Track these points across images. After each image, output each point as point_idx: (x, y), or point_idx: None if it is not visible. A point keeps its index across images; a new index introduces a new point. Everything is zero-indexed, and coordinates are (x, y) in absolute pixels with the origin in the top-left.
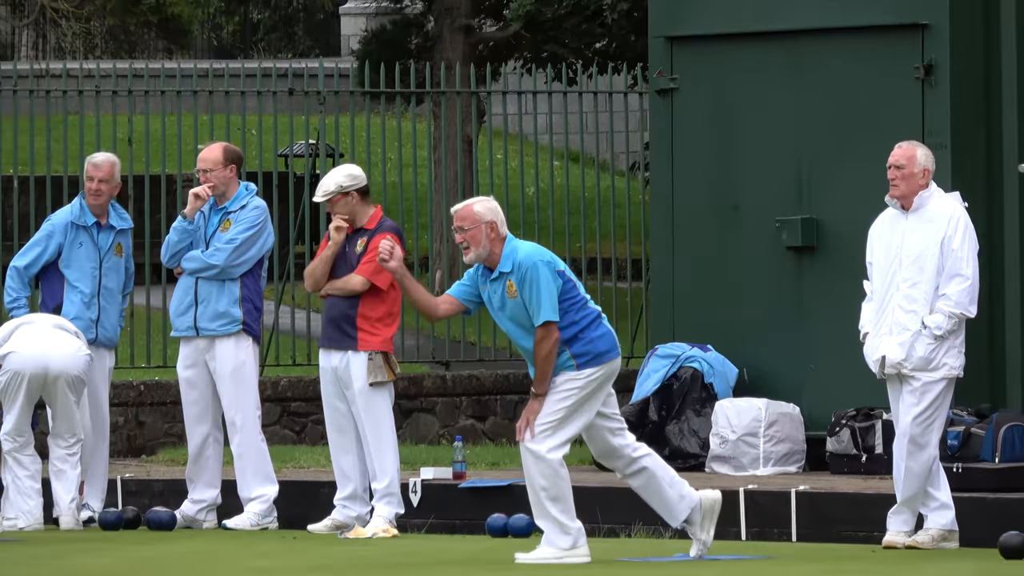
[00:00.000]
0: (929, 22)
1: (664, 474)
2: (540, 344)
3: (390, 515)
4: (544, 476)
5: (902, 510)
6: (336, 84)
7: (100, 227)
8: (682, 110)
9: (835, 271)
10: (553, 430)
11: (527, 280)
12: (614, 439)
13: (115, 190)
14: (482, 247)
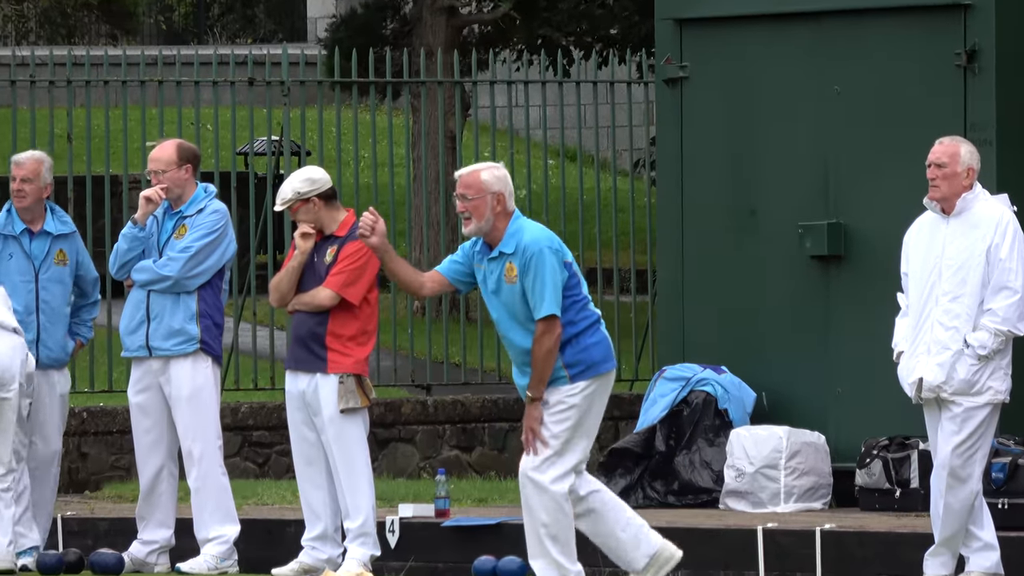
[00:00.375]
0: (972, 2)
1: (617, 516)
2: (540, 340)
3: (364, 557)
4: (546, 511)
5: (941, 551)
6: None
7: (32, 234)
8: (692, 102)
9: (865, 283)
10: (555, 458)
11: (531, 266)
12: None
13: (44, 191)
14: (485, 220)
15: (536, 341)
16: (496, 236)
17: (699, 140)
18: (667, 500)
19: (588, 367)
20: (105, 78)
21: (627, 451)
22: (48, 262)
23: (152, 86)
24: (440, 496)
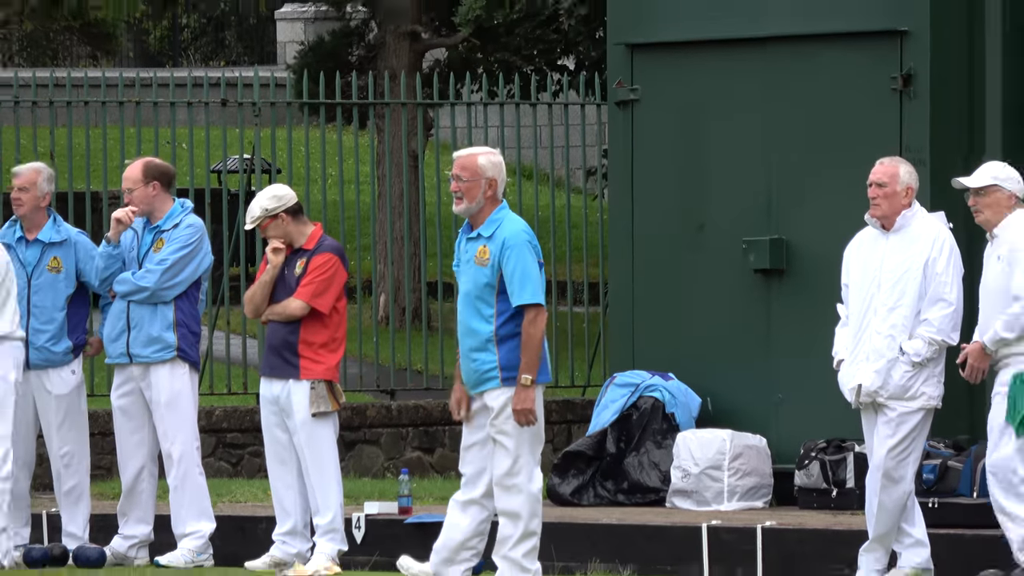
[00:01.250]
0: (908, 28)
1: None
2: (530, 326)
3: (333, 552)
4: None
5: (875, 547)
6: (272, 95)
7: (28, 242)
8: (643, 123)
9: (806, 295)
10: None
11: (513, 256)
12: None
13: (42, 200)
14: (475, 202)
15: (528, 324)
16: (480, 219)
17: (649, 160)
18: (617, 499)
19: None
20: (86, 99)
21: (580, 453)
22: (40, 268)
23: (130, 106)
24: (403, 495)
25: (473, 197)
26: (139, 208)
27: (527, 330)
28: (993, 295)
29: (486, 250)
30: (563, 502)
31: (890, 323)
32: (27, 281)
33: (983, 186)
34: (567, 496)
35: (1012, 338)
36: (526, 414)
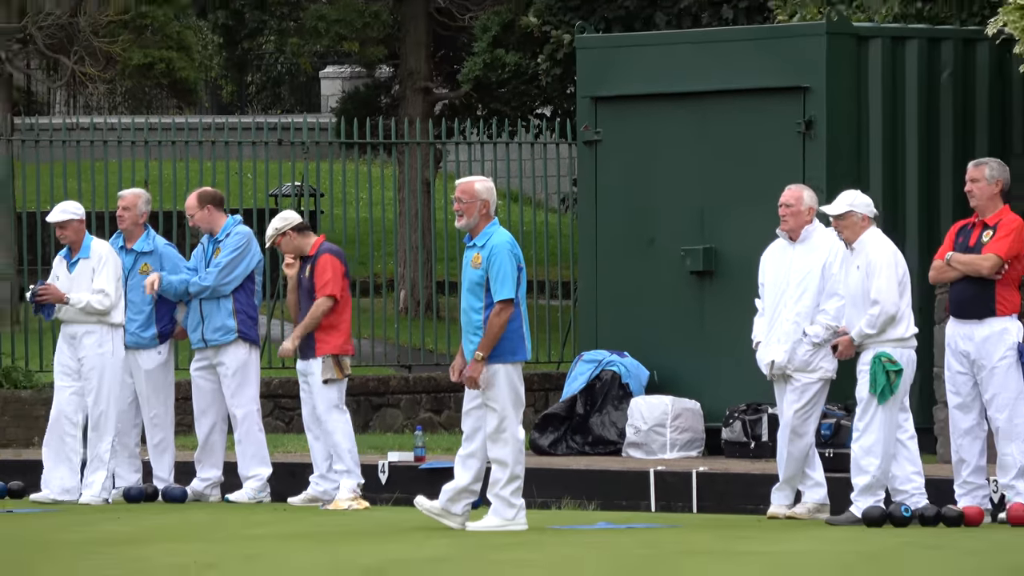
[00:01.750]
0: (810, 85)
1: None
2: (496, 317)
3: (352, 486)
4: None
5: (784, 487)
6: (317, 136)
7: (126, 251)
8: (605, 158)
9: (731, 291)
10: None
11: (495, 259)
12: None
13: (140, 218)
14: (472, 218)
15: (494, 315)
16: (476, 232)
17: (609, 187)
18: (584, 450)
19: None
20: (173, 139)
21: (555, 415)
22: (134, 272)
23: (207, 145)
24: (418, 446)
25: (471, 215)
26: (201, 227)
27: (491, 319)
28: (855, 297)
29: (479, 257)
30: (542, 452)
31: (795, 312)
32: (124, 281)
33: (842, 212)
34: (545, 447)
35: (874, 333)
36: (471, 380)
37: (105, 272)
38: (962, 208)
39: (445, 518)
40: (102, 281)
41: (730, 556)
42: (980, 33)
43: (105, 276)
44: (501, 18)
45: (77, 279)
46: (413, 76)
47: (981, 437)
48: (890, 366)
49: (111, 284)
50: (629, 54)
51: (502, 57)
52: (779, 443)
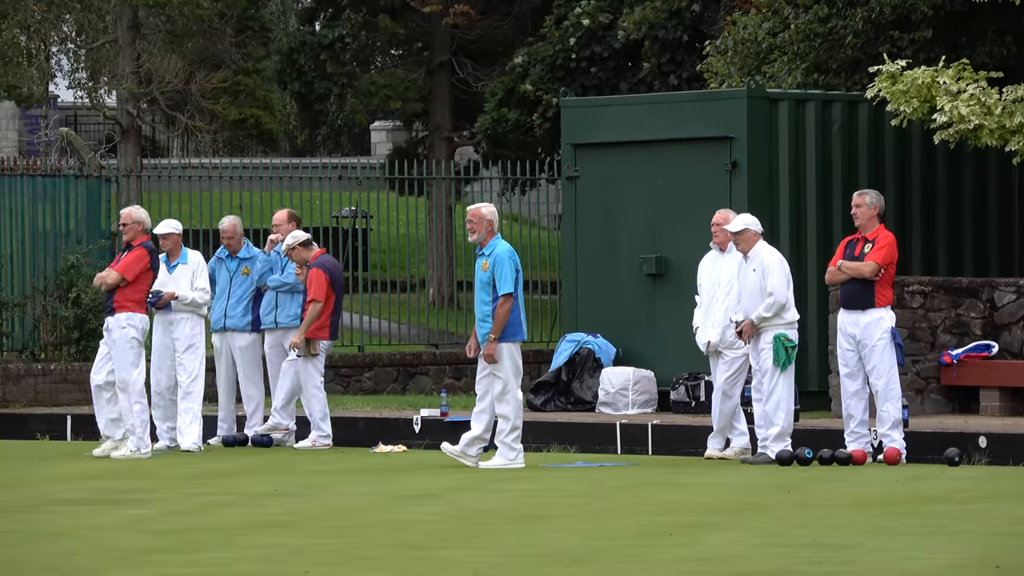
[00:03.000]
0: (735, 135)
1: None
2: (500, 307)
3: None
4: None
5: (717, 436)
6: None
7: (231, 257)
8: (582, 190)
9: (677, 289)
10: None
11: (498, 264)
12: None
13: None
14: (480, 234)
15: (499, 306)
16: (484, 244)
17: (585, 212)
18: (567, 408)
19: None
20: (260, 175)
21: (545, 382)
22: (238, 272)
23: (286, 179)
24: (443, 404)
25: (480, 231)
26: (282, 236)
27: (497, 309)
28: (750, 292)
29: (487, 262)
30: (536, 410)
31: (724, 305)
32: (229, 280)
33: (739, 230)
34: (538, 406)
35: (769, 316)
36: (489, 357)
37: (203, 275)
38: (849, 227)
39: (464, 458)
40: (202, 282)
41: (677, 487)
42: (862, 96)
43: (204, 278)
44: (505, 85)
45: (176, 279)
46: (439, 128)
47: (864, 398)
48: (788, 343)
49: (207, 284)
50: (601, 112)
51: (506, 115)
52: (713, 402)
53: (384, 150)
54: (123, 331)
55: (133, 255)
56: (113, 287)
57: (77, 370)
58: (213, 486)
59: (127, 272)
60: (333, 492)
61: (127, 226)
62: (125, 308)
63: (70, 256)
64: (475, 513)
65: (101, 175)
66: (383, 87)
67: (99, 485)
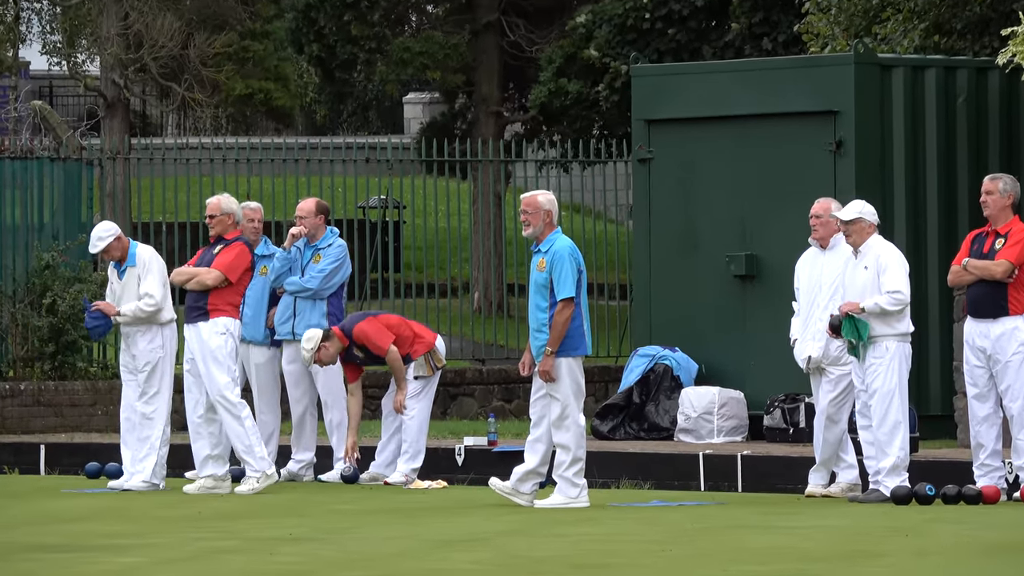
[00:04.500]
0: (840, 109)
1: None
2: (559, 315)
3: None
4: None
5: (820, 469)
6: (401, 154)
7: None
8: (656, 174)
9: (770, 294)
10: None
11: (557, 263)
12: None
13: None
14: (536, 228)
15: (557, 313)
16: (541, 239)
17: (661, 199)
18: (639, 435)
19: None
20: (272, 157)
21: (614, 405)
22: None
23: (303, 162)
24: (491, 432)
25: (536, 224)
26: (307, 230)
27: (555, 316)
28: (860, 292)
29: (543, 262)
30: (603, 437)
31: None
32: None
33: (851, 219)
34: (605, 433)
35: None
36: (545, 374)
37: (150, 276)
38: (977, 218)
39: (515, 496)
40: (148, 285)
41: (771, 530)
42: (992, 63)
43: (151, 280)
44: (564, 51)
45: (128, 285)
46: (486, 101)
47: (997, 424)
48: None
49: (157, 287)
50: (679, 81)
51: (565, 86)
52: (815, 429)
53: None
54: (220, 338)
55: (233, 251)
56: (205, 289)
57: (52, 390)
58: (215, 529)
59: (230, 272)
60: (359, 536)
61: (215, 218)
62: (222, 312)
63: (44, 254)
64: (529, 562)
65: (81, 157)
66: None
67: (80, 528)
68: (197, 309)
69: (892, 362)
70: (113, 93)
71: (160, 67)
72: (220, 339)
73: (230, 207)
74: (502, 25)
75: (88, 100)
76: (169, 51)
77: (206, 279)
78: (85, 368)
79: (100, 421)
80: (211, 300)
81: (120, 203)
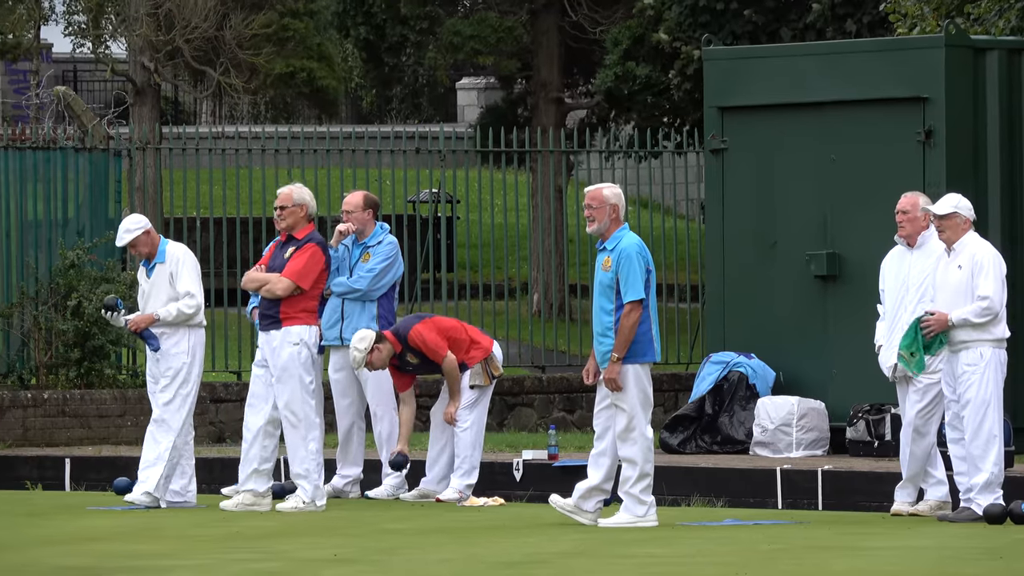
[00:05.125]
0: (929, 96)
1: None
2: (626, 318)
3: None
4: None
5: (907, 485)
6: (453, 144)
7: None
8: (731, 166)
9: (853, 296)
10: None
11: (624, 262)
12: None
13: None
14: (602, 223)
15: (624, 316)
16: (606, 236)
17: (735, 193)
18: (712, 449)
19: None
20: (314, 148)
21: (685, 416)
22: None
23: (348, 153)
24: (551, 445)
25: (601, 220)
26: (355, 226)
27: (622, 320)
28: (952, 293)
29: (608, 260)
30: (672, 451)
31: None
32: None
33: (946, 213)
34: (675, 446)
35: (979, 324)
36: (611, 382)
37: (185, 273)
38: None
39: (578, 515)
40: (185, 283)
41: (855, 551)
42: None
43: (187, 277)
44: (632, 32)
45: (157, 283)
46: (546, 87)
47: None
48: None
49: (195, 284)
50: (754, 65)
51: (633, 70)
52: (902, 442)
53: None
54: (294, 348)
55: (306, 255)
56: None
57: (78, 400)
58: (254, 549)
59: (302, 279)
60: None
61: (286, 209)
62: (295, 320)
63: (69, 252)
64: None
65: (109, 147)
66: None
67: (107, 549)
68: (269, 317)
69: (987, 370)
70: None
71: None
72: (292, 349)
73: (302, 198)
74: (563, 4)
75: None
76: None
77: (276, 289)
78: (113, 376)
79: (129, 433)
80: (283, 308)
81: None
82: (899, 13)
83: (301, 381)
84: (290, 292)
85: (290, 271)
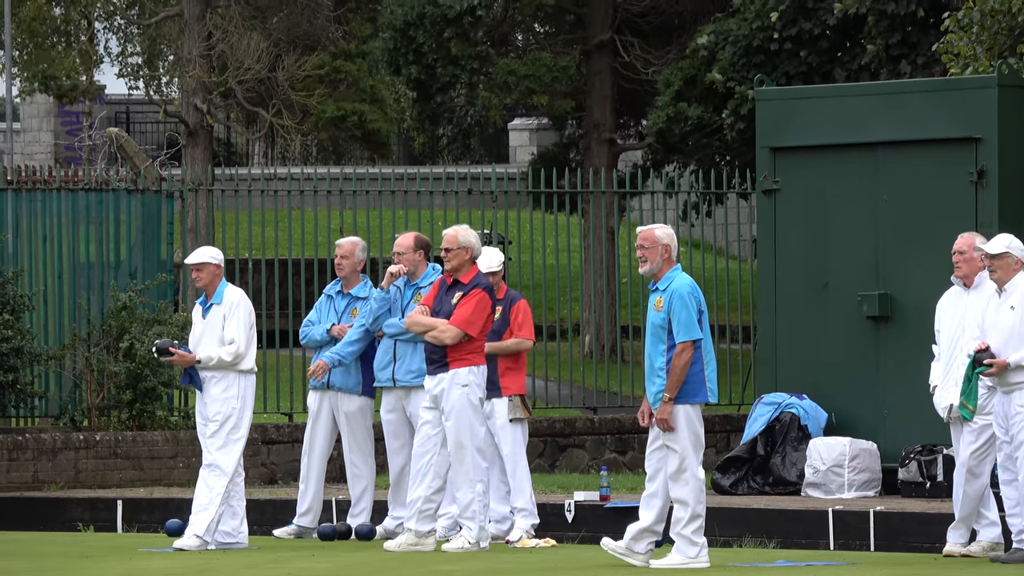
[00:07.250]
0: (982, 136)
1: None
2: (677, 358)
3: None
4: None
5: (959, 526)
6: (506, 185)
7: (342, 295)
8: (783, 206)
9: (906, 336)
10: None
11: (675, 302)
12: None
13: (358, 265)
14: (654, 264)
15: (676, 356)
16: (659, 276)
17: (787, 234)
18: (764, 490)
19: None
20: (366, 188)
21: (737, 457)
22: (346, 314)
23: (399, 194)
24: (603, 486)
25: (653, 260)
26: (406, 267)
27: (673, 360)
28: (1006, 334)
29: (660, 301)
30: (724, 492)
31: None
32: (337, 321)
33: (998, 252)
34: (727, 487)
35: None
36: (663, 423)
37: (235, 319)
38: None
39: (629, 557)
40: (232, 329)
41: None
42: None
43: (235, 323)
44: (684, 72)
45: (211, 324)
46: (598, 128)
47: None
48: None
49: (241, 332)
50: (807, 106)
51: (685, 110)
52: (955, 483)
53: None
54: (464, 390)
55: (473, 302)
56: (445, 345)
57: (130, 441)
58: None
59: (471, 327)
60: None
61: (451, 252)
62: (464, 361)
63: (121, 294)
64: None
65: (161, 189)
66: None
67: None
68: (435, 362)
69: None
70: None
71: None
72: (462, 391)
73: (468, 240)
74: (616, 45)
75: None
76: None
77: (444, 338)
78: (165, 417)
79: (181, 475)
80: (450, 352)
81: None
82: (952, 53)
83: (470, 421)
84: (458, 341)
85: (459, 319)
